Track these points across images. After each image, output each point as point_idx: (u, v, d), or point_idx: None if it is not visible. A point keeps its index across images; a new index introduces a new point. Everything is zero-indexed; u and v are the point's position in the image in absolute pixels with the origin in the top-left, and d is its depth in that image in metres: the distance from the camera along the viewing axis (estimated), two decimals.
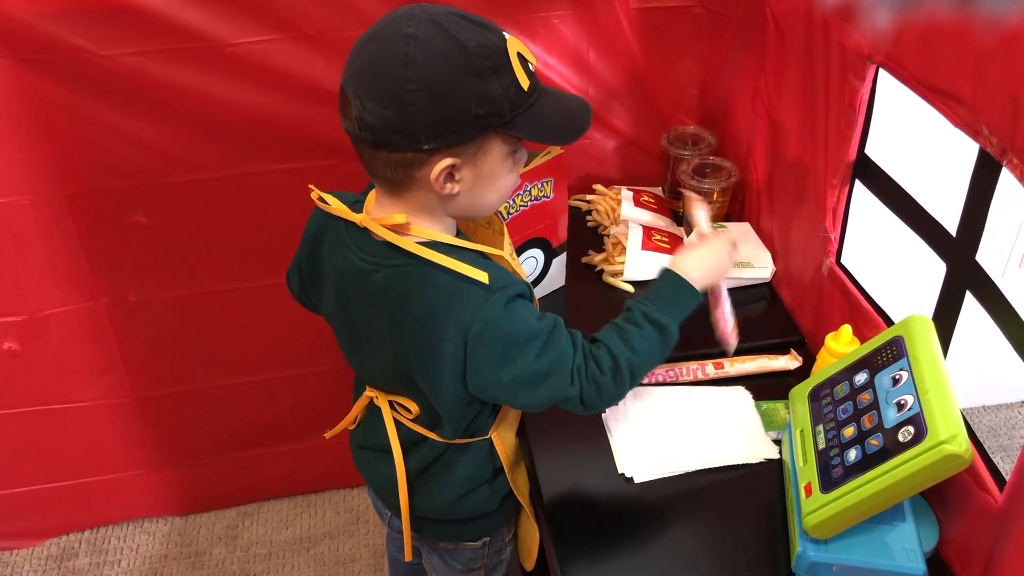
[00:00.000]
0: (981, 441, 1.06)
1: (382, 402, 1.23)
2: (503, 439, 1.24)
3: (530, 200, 1.45)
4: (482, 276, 1.01)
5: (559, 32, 1.66)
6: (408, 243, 1.04)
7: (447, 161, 0.99)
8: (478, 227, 1.25)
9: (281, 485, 2.22)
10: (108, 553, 2.12)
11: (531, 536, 1.36)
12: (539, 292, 1.59)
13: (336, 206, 1.10)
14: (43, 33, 1.42)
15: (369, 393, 1.25)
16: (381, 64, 0.95)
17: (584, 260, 1.69)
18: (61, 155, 1.57)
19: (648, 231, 1.67)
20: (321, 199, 1.12)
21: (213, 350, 1.89)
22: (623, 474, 1.26)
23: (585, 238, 1.75)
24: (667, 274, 1.15)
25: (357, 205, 1.11)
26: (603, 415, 1.35)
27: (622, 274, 1.62)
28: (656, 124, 1.82)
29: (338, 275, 1.14)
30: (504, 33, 0.99)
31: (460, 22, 0.96)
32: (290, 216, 1.72)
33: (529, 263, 1.52)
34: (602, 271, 1.66)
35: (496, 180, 1.06)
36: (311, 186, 1.13)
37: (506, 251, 1.17)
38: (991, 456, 1.07)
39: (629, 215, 1.72)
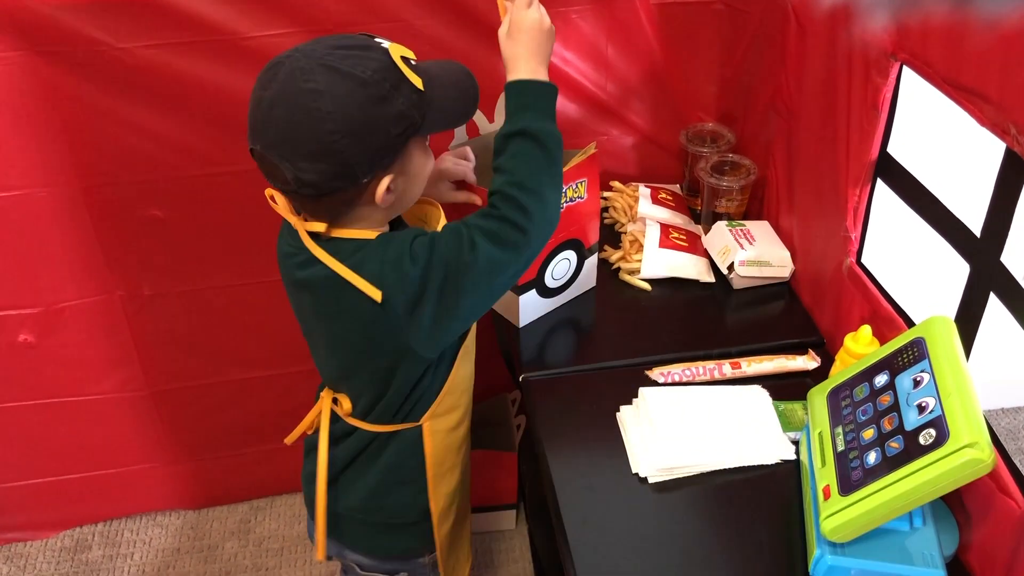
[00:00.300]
0: (1003, 444, 1.05)
1: (325, 396, 1.27)
2: (434, 431, 1.26)
3: (566, 202, 1.43)
4: (375, 294, 1.05)
5: (577, 27, 1.64)
6: (318, 251, 1.09)
7: (385, 181, 1.06)
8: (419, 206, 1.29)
9: (294, 480, 2.19)
10: (121, 546, 2.13)
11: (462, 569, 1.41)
12: (570, 293, 1.57)
13: (282, 205, 1.13)
14: (61, 26, 1.42)
15: (323, 395, 1.29)
16: (299, 125, 0.99)
17: (600, 256, 1.68)
18: (78, 147, 1.57)
19: (666, 229, 1.65)
20: (273, 198, 1.14)
21: (227, 344, 1.89)
22: (637, 474, 1.24)
23: (602, 236, 1.73)
24: (511, 86, 1.14)
25: None
26: (617, 414, 1.33)
27: (639, 272, 1.61)
28: (674, 121, 1.81)
29: (281, 261, 1.20)
30: (382, 43, 1.05)
31: (345, 55, 1.00)
32: None
33: (562, 265, 1.50)
34: (618, 269, 1.65)
35: (420, 173, 1.13)
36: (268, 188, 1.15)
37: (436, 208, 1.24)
38: (1013, 460, 1.05)
39: (646, 212, 1.70)
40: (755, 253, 1.58)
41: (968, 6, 0.98)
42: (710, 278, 1.63)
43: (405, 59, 1.05)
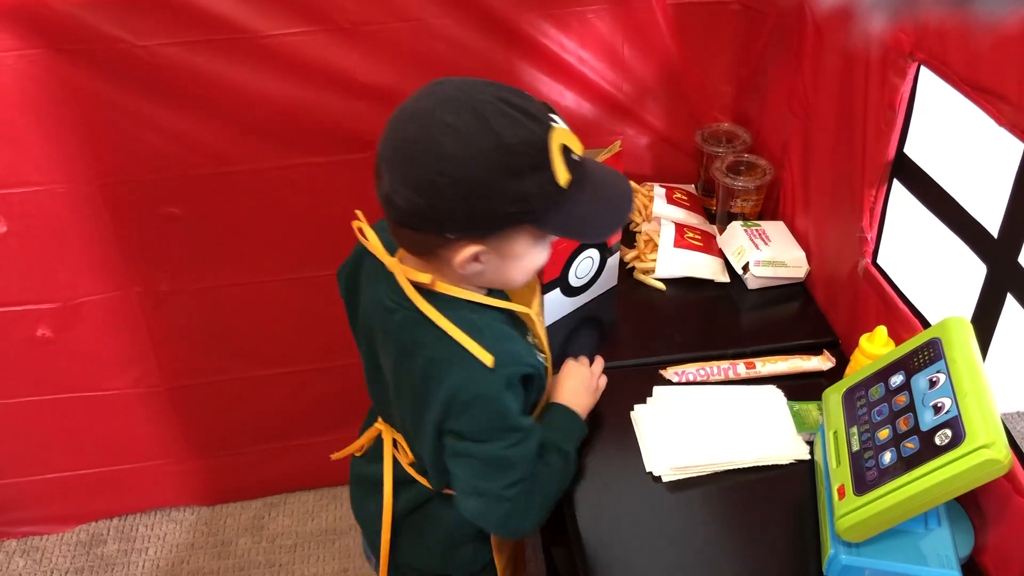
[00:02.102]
0: (1020, 446, 1.04)
1: (386, 436, 1.22)
2: None
3: None
4: (487, 359, 1.00)
5: (594, 27, 1.64)
6: (425, 306, 1.02)
7: (472, 249, 0.97)
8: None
9: (308, 477, 2.23)
10: (136, 541, 2.14)
11: None
12: (593, 292, 1.57)
13: (373, 243, 1.08)
14: (81, 23, 1.43)
15: (379, 426, 1.25)
16: (417, 150, 0.92)
17: None
18: (96, 145, 1.58)
19: (680, 228, 1.65)
20: (361, 232, 1.10)
21: (242, 341, 1.90)
22: (651, 472, 1.24)
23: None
24: (555, 407, 1.20)
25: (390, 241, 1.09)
26: (632, 413, 1.33)
27: (653, 271, 1.61)
28: (690, 121, 1.81)
29: (368, 304, 1.13)
30: (552, 120, 0.95)
31: (505, 112, 0.92)
32: (322, 209, 1.74)
33: (586, 264, 1.50)
34: (632, 268, 1.65)
35: (522, 260, 1.04)
36: (358, 212, 1.12)
37: (534, 309, 1.14)
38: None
39: (661, 212, 1.70)
40: (770, 253, 1.58)
41: (987, 6, 0.98)
42: (725, 278, 1.63)
43: (567, 149, 0.95)
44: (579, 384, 1.25)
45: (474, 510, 1.10)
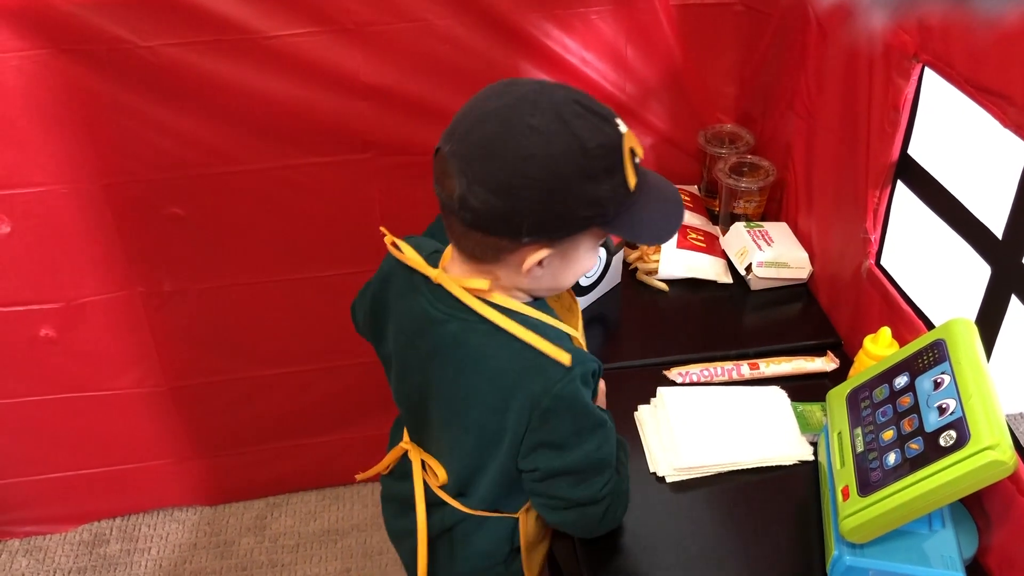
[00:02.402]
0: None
1: (414, 458, 1.20)
2: (529, 517, 1.20)
3: None
4: (564, 357, 0.98)
5: (598, 28, 1.64)
6: (487, 310, 1.00)
7: (542, 253, 0.96)
8: (551, 299, 1.21)
9: (310, 477, 2.23)
10: (139, 540, 2.14)
11: None
12: (598, 292, 1.57)
13: (411, 256, 1.06)
14: (85, 24, 1.43)
15: (405, 445, 1.22)
16: (498, 150, 0.91)
17: None
18: (100, 145, 1.58)
19: (683, 229, 1.65)
20: (395, 245, 1.08)
21: (245, 341, 1.90)
22: (655, 473, 1.24)
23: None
24: None
25: (435, 256, 1.07)
26: (635, 414, 1.34)
27: (656, 272, 1.61)
28: (693, 122, 1.81)
29: (404, 320, 1.10)
30: (619, 125, 0.96)
31: (582, 115, 0.92)
32: (325, 209, 1.74)
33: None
34: (636, 269, 1.65)
35: (578, 263, 1.03)
36: (383, 229, 1.10)
37: (579, 332, 1.14)
38: None
39: None
40: (773, 254, 1.58)
41: (991, 6, 0.98)
42: (728, 279, 1.63)
43: (634, 153, 0.97)
44: None
45: (571, 521, 1.08)
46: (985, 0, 0.94)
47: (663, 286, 1.61)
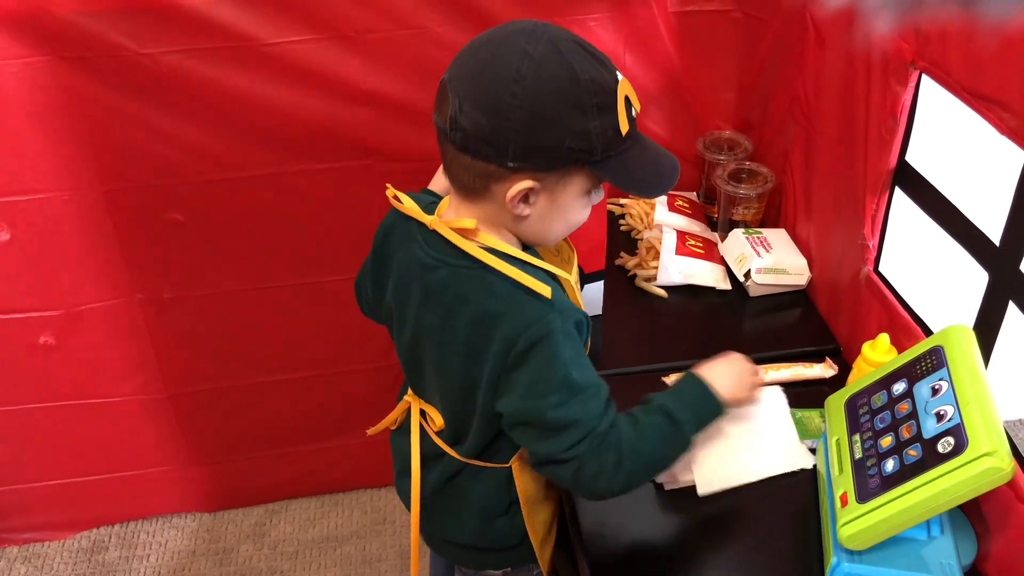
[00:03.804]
0: (1022, 453, 1.04)
1: (414, 407, 1.22)
2: (523, 470, 1.19)
3: None
4: (544, 290, 0.99)
5: (596, 35, 1.65)
6: (473, 247, 1.02)
7: (526, 183, 0.97)
8: (547, 252, 1.22)
9: (309, 484, 2.23)
10: (137, 548, 2.14)
11: None
12: None
13: (409, 205, 1.09)
14: (85, 31, 1.44)
15: (408, 398, 1.24)
16: (490, 71, 0.93)
17: (617, 263, 1.68)
18: (100, 152, 1.58)
19: (682, 236, 1.66)
20: (396, 197, 1.11)
21: (245, 348, 1.91)
22: (653, 481, 1.24)
23: (618, 243, 1.74)
24: (691, 377, 1.12)
25: (431, 206, 1.10)
26: None
27: (655, 279, 1.61)
28: (692, 128, 1.81)
29: (401, 269, 1.13)
30: (618, 73, 0.97)
31: (578, 51, 0.94)
32: (324, 216, 1.74)
33: None
34: (635, 276, 1.65)
35: (568, 212, 1.04)
36: (388, 185, 1.13)
37: (573, 277, 1.15)
38: None
39: (663, 220, 1.71)
40: (772, 261, 1.58)
41: (988, 13, 0.98)
42: (726, 285, 1.63)
43: (628, 101, 0.98)
44: (732, 369, 1.15)
45: (550, 474, 1.08)
46: (992, 4, 0.94)
47: (662, 292, 1.61)
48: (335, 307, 1.80)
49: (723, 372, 1.13)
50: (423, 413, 1.21)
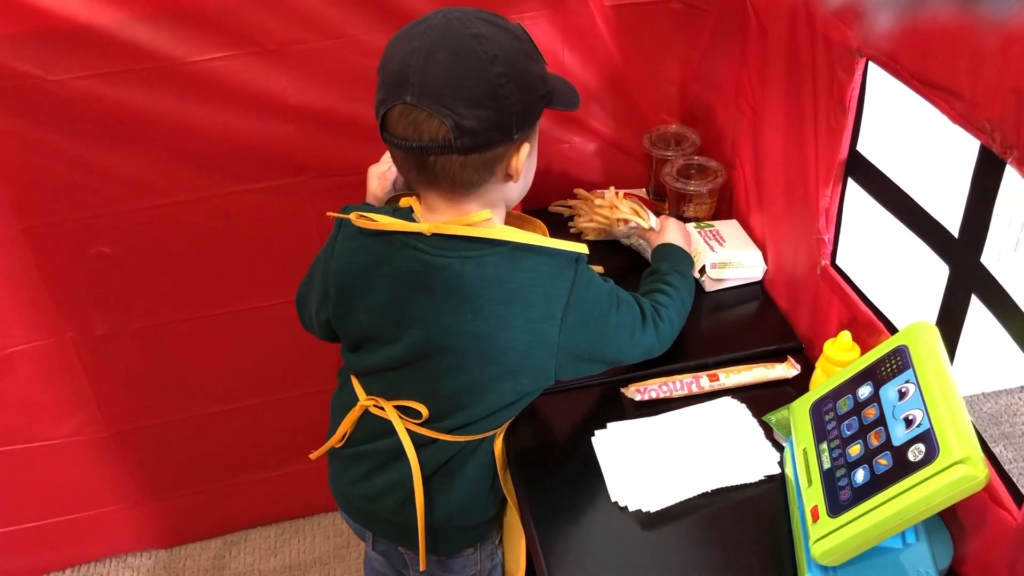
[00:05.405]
0: (981, 431, 1.00)
1: (389, 409, 1.20)
2: (498, 438, 1.25)
3: None
4: (579, 247, 1.10)
5: (531, 34, 1.57)
6: (498, 231, 1.08)
7: (526, 147, 1.06)
8: (523, 224, 1.23)
9: (267, 512, 2.16)
10: None
11: (518, 542, 1.33)
12: None
13: (387, 222, 1.10)
14: None
15: (365, 403, 1.22)
16: (465, 69, 0.98)
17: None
18: (15, 186, 1.50)
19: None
20: (363, 218, 1.11)
21: (187, 380, 1.83)
22: (616, 503, 1.19)
23: None
24: (665, 245, 1.40)
25: (399, 213, 1.13)
26: (593, 439, 1.28)
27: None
28: (637, 124, 1.75)
29: (397, 281, 1.12)
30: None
31: (491, 17, 1.02)
32: (259, 237, 1.67)
33: None
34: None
35: (532, 159, 1.11)
36: (330, 213, 1.15)
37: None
38: (991, 447, 1.00)
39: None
40: (726, 255, 1.53)
41: (992, 4, 0.93)
42: None
43: None
44: (680, 231, 1.46)
45: (647, 350, 1.27)
46: (992, 1, 0.89)
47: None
48: (279, 329, 1.73)
49: (675, 235, 1.44)
50: (401, 410, 1.20)
